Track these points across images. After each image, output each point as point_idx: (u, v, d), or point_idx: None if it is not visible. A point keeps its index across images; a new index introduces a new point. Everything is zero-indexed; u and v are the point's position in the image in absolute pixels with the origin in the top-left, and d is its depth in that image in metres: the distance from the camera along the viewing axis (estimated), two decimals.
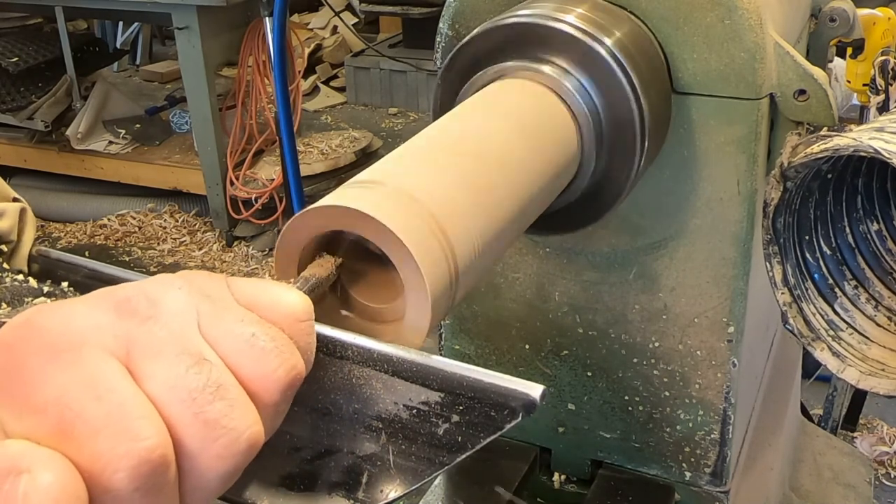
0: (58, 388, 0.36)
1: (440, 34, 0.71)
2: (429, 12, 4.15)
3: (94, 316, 0.38)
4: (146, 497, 0.35)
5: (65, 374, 0.36)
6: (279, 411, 0.39)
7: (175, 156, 3.65)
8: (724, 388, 0.73)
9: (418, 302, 0.42)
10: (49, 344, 0.37)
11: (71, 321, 0.38)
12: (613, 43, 0.59)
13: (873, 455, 2.33)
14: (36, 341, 0.37)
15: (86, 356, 0.37)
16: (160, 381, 0.37)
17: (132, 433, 0.35)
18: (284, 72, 2.76)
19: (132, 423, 0.35)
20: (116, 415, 0.35)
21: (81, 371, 0.36)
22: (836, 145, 0.54)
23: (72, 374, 0.36)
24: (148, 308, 0.38)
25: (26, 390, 0.36)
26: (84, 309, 0.39)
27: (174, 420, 0.36)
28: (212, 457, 0.37)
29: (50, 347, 0.37)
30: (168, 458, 0.36)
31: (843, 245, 0.63)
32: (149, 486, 0.35)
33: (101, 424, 0.35)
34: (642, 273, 0.72)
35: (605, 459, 0.79)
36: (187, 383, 0.37)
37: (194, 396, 0.37)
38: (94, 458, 0.35)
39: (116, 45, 4.96)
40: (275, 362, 0.38)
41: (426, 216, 0.44)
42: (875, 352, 0.61)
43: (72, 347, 0.37)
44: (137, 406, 0.36)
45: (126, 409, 0.35)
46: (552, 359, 0.78)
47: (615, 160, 0.60)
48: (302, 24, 5.19)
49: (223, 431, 0.37)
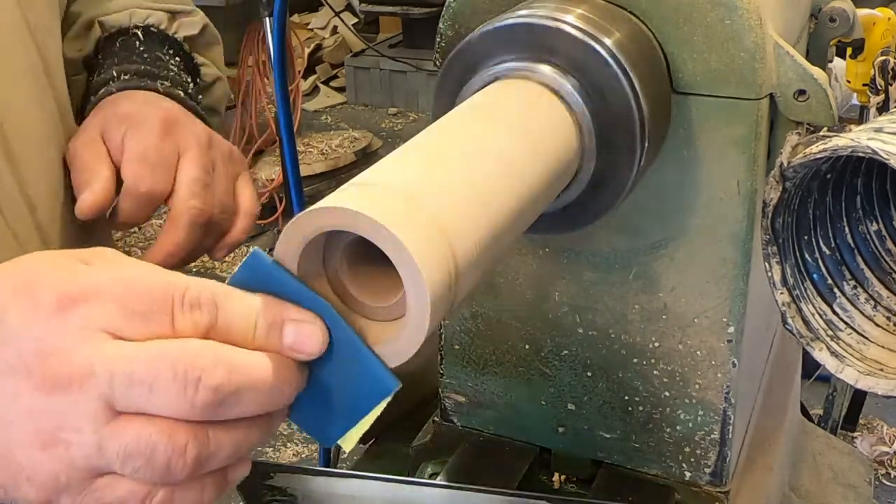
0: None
1: (440, 34, 0.71)
2: (429, 12, 4.15)
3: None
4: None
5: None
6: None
7: None
8: (724, 388, 0.73)
9: (418, 302, 0.42)
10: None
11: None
12: (613, 43, 0.59)
13: (873, 455, 2.33)
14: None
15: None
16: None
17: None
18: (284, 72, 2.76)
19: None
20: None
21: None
22: (835, 145, 0.54)
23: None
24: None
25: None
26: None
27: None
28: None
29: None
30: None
31: (842, 245, 0.63)
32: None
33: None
34: (642, 273, 0.72)
35: (605, 459, 0.79)
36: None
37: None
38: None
39: None
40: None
41: (426, 216, 0.44)
42: (874, 352, 0.61)
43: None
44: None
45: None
46: (552, 359, 0.78)
47: (615, 160, 0.60)
48: (302, 24, 5.19)
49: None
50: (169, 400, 0.41)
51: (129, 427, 0.41)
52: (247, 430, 0.44)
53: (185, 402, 0.41)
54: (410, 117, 4.70)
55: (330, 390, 0.46)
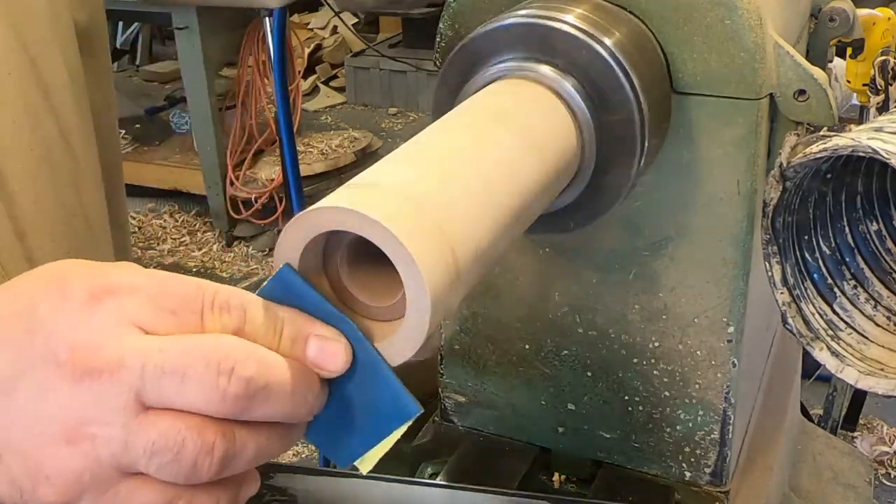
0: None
1: (440, 34, 0.71)
2: (429, 12, 4.14)
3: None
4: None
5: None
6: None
7: (175, 156, 3.64)
8: (724, 388, 0.73)
9: (418, 302, 0.42)
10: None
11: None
12: (613, 43, 0.59)
13: (873, 455, 2.33)
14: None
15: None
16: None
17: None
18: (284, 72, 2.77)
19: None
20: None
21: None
22: (835, 145, 0.54)
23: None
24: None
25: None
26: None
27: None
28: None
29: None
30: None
31: (842, 245, 0.63)
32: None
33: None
34: (642, 273, 0.72)
35: (605, 459, 0.79)
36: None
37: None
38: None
39: (116, 45, 4.96)
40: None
41: (426, 216, 0.44)
42: (874, 351, 0.61)
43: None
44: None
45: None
46: (552, 359, 0.78)
47: (615, 160, 0.60)
48: (302, 24, 5.19)
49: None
50: (201, 390, 0.41)
51: (158, 422, 0.41)
52: (268, 435, 0.44)
53: (217, 392, 0.41)
54: (410, 117, 4.70)
55: (349, 411, 0.45)
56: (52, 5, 0.76)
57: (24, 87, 0.74)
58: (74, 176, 0.79)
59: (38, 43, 0.75)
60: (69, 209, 0.78)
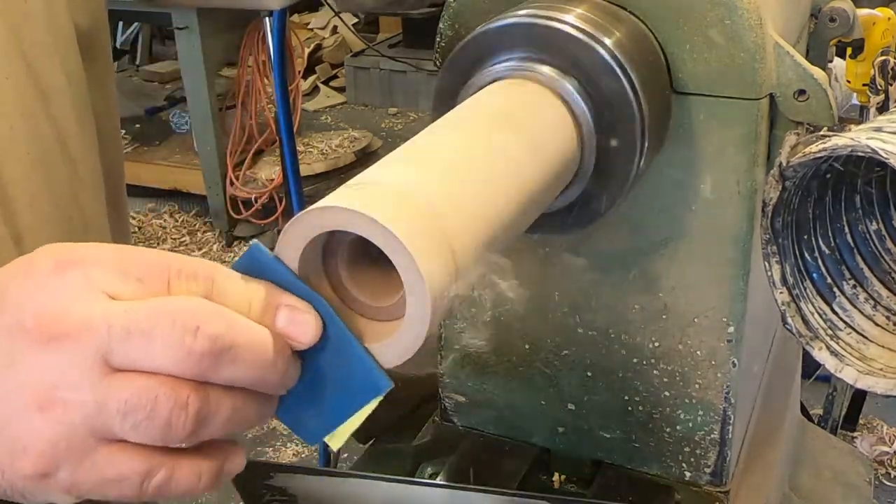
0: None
1: (440, 34, 0.71)
2: (429, 12, 4.14)
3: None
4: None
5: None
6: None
7: (175, 156, 3.64)
8: (724, 388, 0.73)
9: (418, 302, 0.42)
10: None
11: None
12: (613, 43, 0.59)
13: (873, 455, 2.33)
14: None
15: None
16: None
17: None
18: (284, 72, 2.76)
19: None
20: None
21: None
22: (834, 145, 0.54)
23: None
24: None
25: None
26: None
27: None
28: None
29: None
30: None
31: (841, 244, 0.63)
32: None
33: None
34: (642, 273, 0.72)
35: (605, 459, 0.79)
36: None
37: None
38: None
39: (116, 45, 4.96)
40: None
41: (426, 216, 0.44)
42: (873, 351, 0.61)
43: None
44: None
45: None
46: (552, 359, 0.78)
47: (615, 160, 0.60)
48: (302, 24, 5.19)
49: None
50: (168, 348, 0.41)
51: (130, 381, 0.41)
52: (244, 399, 0.44)
53: (182, 349, 0.41)
54: (410, 117, 4.69)
55: (319, 388, 0.46)
56: (50, 10, 0.76)
57: (22, 92, 0.73)
58: (72, 180, 0.78)
59: (36, 48, 0.74)
60: (66, 213, 0.77)
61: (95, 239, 0.82)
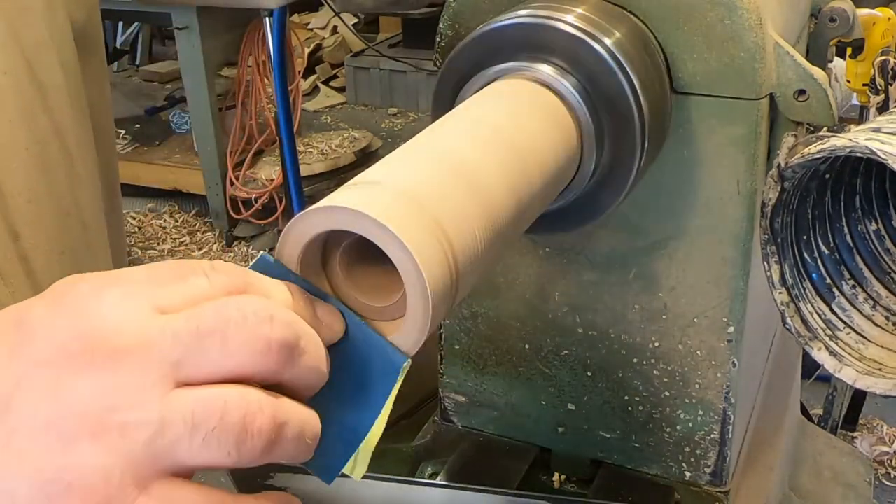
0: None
1: (440, 34, 0.71)
2: (429, 12, 4.14)
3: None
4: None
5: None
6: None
7: (175, 156, 3.64)
8: (724, 388, 0.73)
9: (418, 302, 0.42)
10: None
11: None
12: (613, 43, 0.59)
13: (873, 455, 2.33)
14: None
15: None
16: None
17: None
18: (284, 72, 2.77)
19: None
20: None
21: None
22: (833, 145, 0.54)
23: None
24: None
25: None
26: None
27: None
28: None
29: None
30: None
31: (841, 245, 0.63)
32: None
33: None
34: (642, 273, 0.72)
35: (605, 459, 0.79)
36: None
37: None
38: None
39: (116, 45, 4.96)
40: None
41: (426, 216, 0.44)
42: (872, 351, 0.61)
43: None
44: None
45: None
46: (552, 359, 0.78)
47: (615, 160, 0.60)
48: (302, 24, 5.19)
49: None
50: (246, 344, 0.38)
51: (192, 392, 0.37)
52: (301, 406, 0.41)
53: (262, 340, 0.38)
54: (410, 117, 4.70)
55: (335, 394, 0.44)
56: (48, 5, 0.76)
57: (20, 87, 0.73)
58: (70, 175, 0.78)
59: (35, 43, 0.75)
60: (64, 209, 0.77)
61: (92, 235, 0.82)
